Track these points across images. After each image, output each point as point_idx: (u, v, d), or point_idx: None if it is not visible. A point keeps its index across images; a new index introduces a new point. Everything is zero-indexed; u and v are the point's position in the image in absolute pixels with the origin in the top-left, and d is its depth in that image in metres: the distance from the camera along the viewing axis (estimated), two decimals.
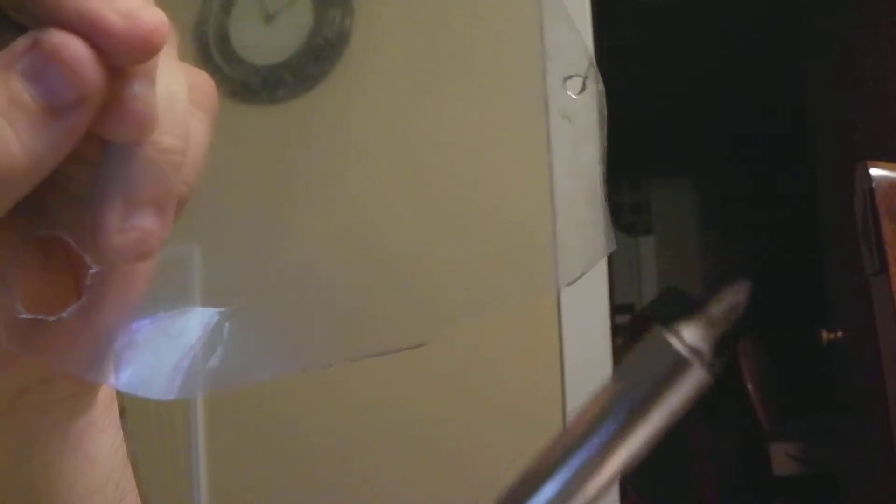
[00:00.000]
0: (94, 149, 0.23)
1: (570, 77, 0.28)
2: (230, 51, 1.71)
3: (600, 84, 0.29)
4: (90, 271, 0.24)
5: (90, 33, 0.21)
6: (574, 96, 0.28)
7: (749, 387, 2.72)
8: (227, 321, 0.26)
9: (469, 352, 1.62)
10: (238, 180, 0.31)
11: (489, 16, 1.52)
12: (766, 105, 3.61)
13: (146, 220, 0.22)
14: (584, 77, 0.28)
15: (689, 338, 0.23)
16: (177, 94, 0.24)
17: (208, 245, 0.30)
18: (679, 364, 0.23)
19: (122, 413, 0.31)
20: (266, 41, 1.76)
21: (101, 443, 0.30)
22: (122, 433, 0.31)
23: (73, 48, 0.21)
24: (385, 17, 1.70)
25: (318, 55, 1.70)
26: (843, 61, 2.05)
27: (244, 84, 1.72)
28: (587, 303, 1.65)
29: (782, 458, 2.70)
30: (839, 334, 2.00)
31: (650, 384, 0.23)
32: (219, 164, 0.26)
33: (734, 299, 0.23)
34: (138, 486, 0.32)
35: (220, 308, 0.27)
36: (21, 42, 0.21)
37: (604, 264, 1.65)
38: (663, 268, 4.44)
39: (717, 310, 0.23)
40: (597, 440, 0.22)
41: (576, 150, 0.28)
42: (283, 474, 1.71)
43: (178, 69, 0.24)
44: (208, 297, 0.27)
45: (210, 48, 1.70)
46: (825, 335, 2.01)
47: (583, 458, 0.22)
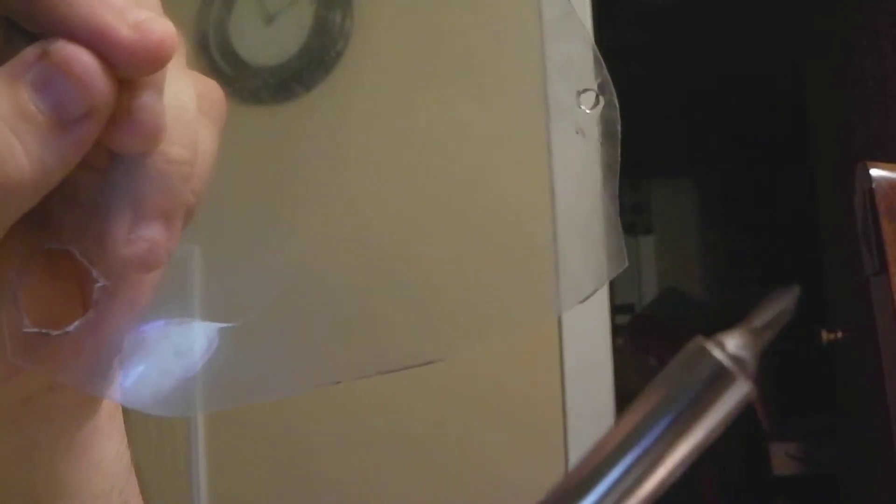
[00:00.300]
0: (102, 157, 0.23)
1: (585, 91, 0.28)
2: (230, 51, 1.71)
3: (615, 98, 0.28)
4: (97, 285, 0.23)
5: (99, 45, 0.21)
6: (588, 111, 0.28)
7: None
8: (232, 337, 0.26)
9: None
10: (238, 181, 0.31)
11: (489, 16, 1.52)
12: (766, 105, 3.61)
13: (154, 232, 0.22)
14: (598, 91, 0.28)
15: (733, 348, 0.21)
16: (185, 104, 0.24)
17: (208, 247, 0.30)
18: (721, 376, 0.21)
19: (124, 417, 0.31)
20: (266, 42, 1.76)
21: (106, 449, 0.30)
22: (126, 440, 0.31)
23: (83, 60, 0.21)
24: (385, 17, 1.70)
25: (319, 56, 1.70)
26: (843, 61, 2.05)
27: (244, 85, 1.72)
28: (587, 303, 1.65)
29: (782, 458, 2.70)
30: (839, 334, 2.00)
31: (690, 398, 0.21)
32: (219, 165, 0.26)
33: (781, 306, 0.21)
34: (141, 492, 0.32)
35: (224, 323, 0.26)
36: (30, 52, 0.21)
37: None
38: (663, 268, 4.44)
39: (762, 318, 0.21)
40: (632, 458, 0.21)
41: (589, 166, 0.28)
42: (284, 477, 1.71)
43: (187, 78, 0.24)
44: (211, 310, 0.27)
45: (210, 49, 1.70)
46: (825, 335, 2.01)
47: (616, 477, 0.21)
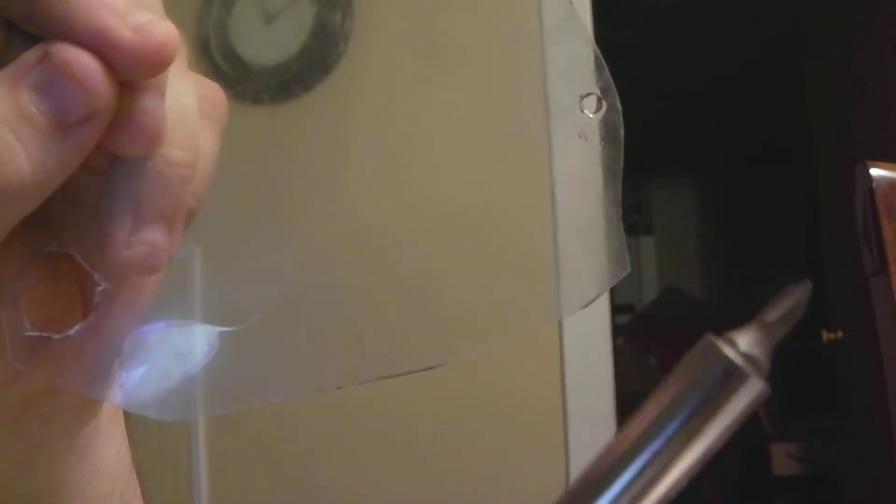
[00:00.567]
0: (103, 159, 0.23)
1: (587, 95, 0.28)
2: (230, 51, 1.71)
3: (618, 102, 0.28)
4: (98, 289, 0.23)
5: (101, 47, 0.21)
6: (590, 115, 0.28)
7: None
8: (232, 341, 0.26)
9: None
10: (238, 182, 0.31)
11: (489, 15, 1.52)
12: (766, 105, 3.61)
13: (155, 235, 0.22)
14: (601, 95, 0.28)
15: (745, 345, 0.20)
16: (187, 106, 0.23)
17: (208, 248, 0.29)
18: (733, 375, 0.20)
19: (125, 418, 0.31)
20: (266, 42, 1.76)
21: (107, 451, 0.29)
22: (127, 441, 0.31)
23: (84, 63, 0.21)
24: (385, 17, 1.70)
25: (319, 56, 1.70)
26: (843, 61, 2.05)
27: (244, 85, 1.72)
28: None
29: (782, 458, 2.70)
30: (839, 334, 2.00)
31: (702, 398, 0.20)
32: (219, 166, 0.26)
33: (793, 302, 0.20)
34: (142, 493, 0.32)
35: (225, 327, 0.26)
36: (31, 55, 0.21)
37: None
38: (663, 268, 4.44)
39: (774, 314, 0.20)
40: (644, 460, 0.20)
41: (592, 170, 0.28)
42: (284, 480, 1.71)
43: (188, 81, 0.24)
44: (211, 312, 0.26)
45: (210, 49, 1.70)
46: (825, 335, 2.01)
47: (629, 480, 0.20)
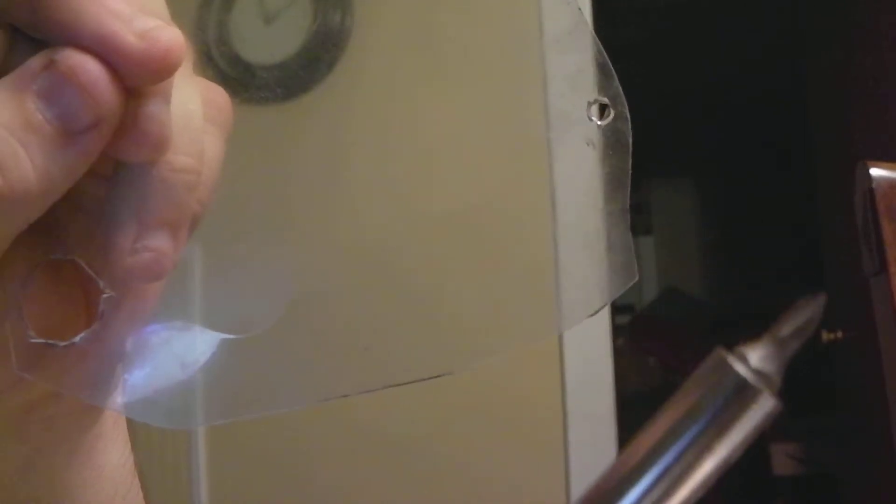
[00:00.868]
0: (107, 165, 0.23)
1: (595, 102, 0.27)
2: (230, 51, 1.71)
3: (626, 111, 0.28)
4: (103, 296, 0.23)
5: (107, 54, 0.21)
6: (598, 122, 0.28)
7: None
8: (235, 349, 0.26)
9: None
10: (239, 182, 0.31)
11: (490, 16, 1.52)
12: (766, 105, 3.61)
13: (159, 241, 0.22)
14: (609, 103, 0.28)
15: (756, 361, 0.19)
16: (192, 112, 0.23)
17: (209, 250, 0.29)
18: (744, 392, 0.19)
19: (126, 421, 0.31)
20: (266, 41, 1.76)
21: (109, 456, 0.29)
22: (130, 445, 0.31)
23: (90, 70, 0.20)
24: (385, 17, 1.70)
25: (319, 55, 1.70)
26: (843, 61, 2.05)
27: (244, 84, 1.72)
28: None
29: (782, 458, 2.70)
30: (839, 334, 2.00)
31: (713, 414, 0.19)
32: (221, 166, 0.25)
33: (807, 315, 0.19)
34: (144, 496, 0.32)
35: (226, 332, 0.26)
36: (36, 61, 0.21)
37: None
38: (663, 268, 4.44)
39: (787, 328, 0.20)
40: (654, 475, 0.19)
41: (597, 178, 0.28)
42: (283, 483, 1.71)
43: (194, 86, 0.24)
44: (212, 316, 0.26)
45: (210, 49, 1.70)
46: (825, 335, 2.01)
47: (637, 497, 0.19)
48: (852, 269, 0.85)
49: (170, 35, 0.21)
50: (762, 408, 0.17)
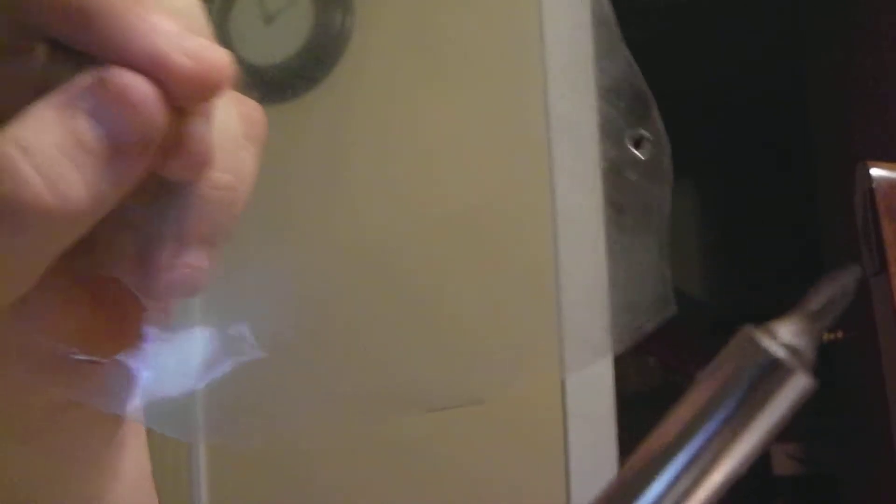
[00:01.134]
0: (147, 181, 0.22)
1: (633, 131, 0.27)
2: (230, 51, 1.71)
3: (667, 143, 0.27)
4: (146, 313, 0.23)
5: (157, 73, 0.20)
6: (635, 151, 0.27)
7: None
8: (241, 367, 0.26)
9: None
10: None
11: (490, 15, 1.52)
12: (766, 105, 3.61)
13: (196, 258, 0.22)
14: (647, 134, 0.27)
15: (786, 336, 0.19)
16: (231, 129, 0.23)
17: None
18: (775, 370, 0.18)
19: None
20: (266, 41, 1.76)
21: (129, 463, 0.29)
22: (148, 454, 0.31)
23: (141, 89, 0.20)
24: (385, 17, 1.70)
25: (319, 55, 1.70)
26: (843, 61, 2.05)
27: (244, 85, 1.72)
28: (587, 304, 1.65)
29: (782, 458, 2.70)
30: (839, 334, 2.00)
31: (741, 396, 0.18)
32: None
33: (838, 288, 0.19)
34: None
35: (227, 334, 0.26)
36: (86, 79, 0.21)
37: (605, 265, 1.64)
38: None
39: (817, 301, 0.19)
40: (679, 465, 0.18)
41: (638, 209, 0.28)
42: (283, 483, 1.71)
43: (232, 102, 0.24)
44: (212, 318, 0.26)
45: None
46: (825, 335, 2.01)
47: (661, 490, 0.18)
48: None
49: (219, 55, 0.21)
50: (796, 386, 0.15)
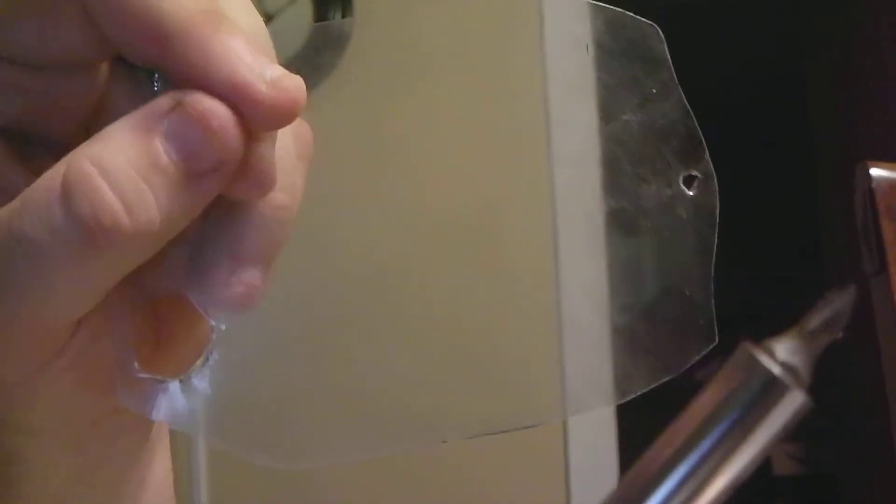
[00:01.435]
0: (213, 202, 0.23)
1: (687, 169, 0.27)
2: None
3: (715, 182, 0.28)
4: (213, 329, 0.23)
5: (237, 101, 0.21)
6: (689, 192, 0.27)
7: None
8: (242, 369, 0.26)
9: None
10: None
11: (492, 16, 1.52)
12: (766, 105, 3.61)
13: (252, 276, 0.22)
14: (697, 173, 0.28)
15: (784, 354, 0.19)
16: (288, 149, 0.23)
17: None
18: (772, 387, 0.19)
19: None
20: None
21: (157, 469, 0.30)
22: (170, 459, 0.31)
23: (221, 115, 0.21)
24: (385, 17, 1.70)
25: (319, 55, 1.70)
26: (843, 61, 2.05)
27: None
28: (587, 304, 1.65)
29: (782, 458, 2.70)
30: (839, 334, 1.99)
31: (738, 413, 0.19)
32: None
33: (837, 307, 0.19)
34: None
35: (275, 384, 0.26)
36: (164, 102, 0.21)
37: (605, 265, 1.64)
38: None
39: (816, 320, 0.19)
40: (678, 477, 0.19)
41: (684, 248, 0.28)
42: (283, 485, 1.71)
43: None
44: (247, 370, 0.26)
45: None
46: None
47: (663, 499, 0.19)
48: (852, 269, 0.86)
49: (296, 84, 0.22)
50: (791, 404, 0.16)
